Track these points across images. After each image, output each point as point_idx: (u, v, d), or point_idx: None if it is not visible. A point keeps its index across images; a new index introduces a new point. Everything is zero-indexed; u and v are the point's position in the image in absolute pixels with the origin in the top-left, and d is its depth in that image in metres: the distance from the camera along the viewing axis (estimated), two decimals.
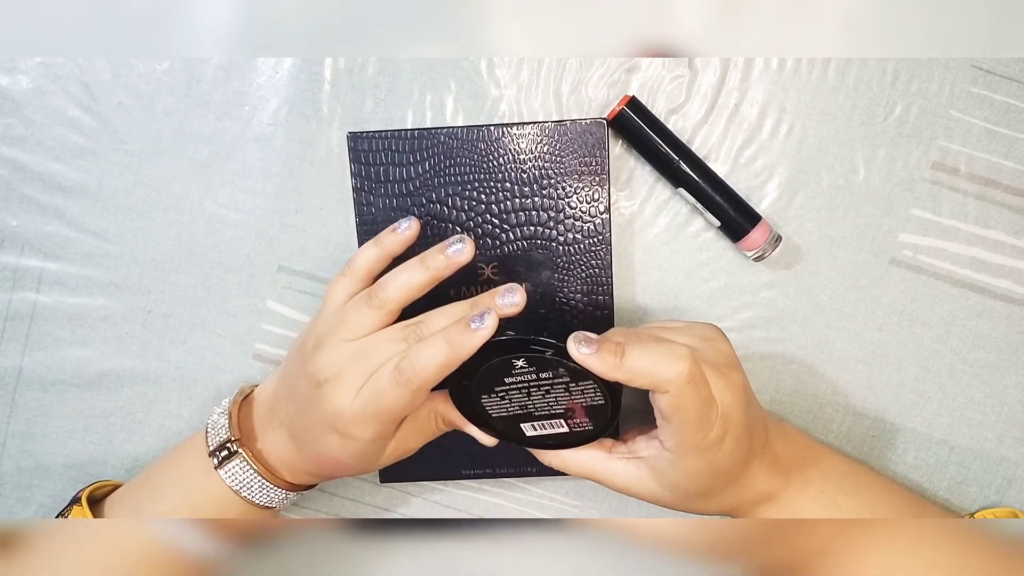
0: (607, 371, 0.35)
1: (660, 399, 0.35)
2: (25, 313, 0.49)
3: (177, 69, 0.46)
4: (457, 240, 0.39)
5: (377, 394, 0.37)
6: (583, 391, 0.37)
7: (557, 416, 0.39)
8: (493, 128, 0.44)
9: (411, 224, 0.41)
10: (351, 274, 0.41)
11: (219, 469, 0.41)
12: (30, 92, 0.47)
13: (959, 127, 0.45)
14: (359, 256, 0.41)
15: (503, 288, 0.38)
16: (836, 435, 0.48)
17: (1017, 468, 0.47)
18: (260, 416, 0.42)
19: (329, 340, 0.39)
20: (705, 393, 0.35)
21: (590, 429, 0.39)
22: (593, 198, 0.44)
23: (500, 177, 0.44)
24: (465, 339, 0.36)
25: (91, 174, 0.47)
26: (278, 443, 0.41)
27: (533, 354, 0.36)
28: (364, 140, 0.44)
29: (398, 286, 0.39)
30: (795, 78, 0.45)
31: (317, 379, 0.38)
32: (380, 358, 0.37)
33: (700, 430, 0.36)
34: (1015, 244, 0.46)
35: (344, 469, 0.41)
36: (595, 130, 0.44)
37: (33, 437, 0.50)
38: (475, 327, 0.36)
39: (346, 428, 0.38)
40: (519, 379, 0.37)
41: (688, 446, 0.36)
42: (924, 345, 0.47)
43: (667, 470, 0.38)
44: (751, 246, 0.45)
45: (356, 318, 0.39)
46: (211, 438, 0.42)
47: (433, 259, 0.39)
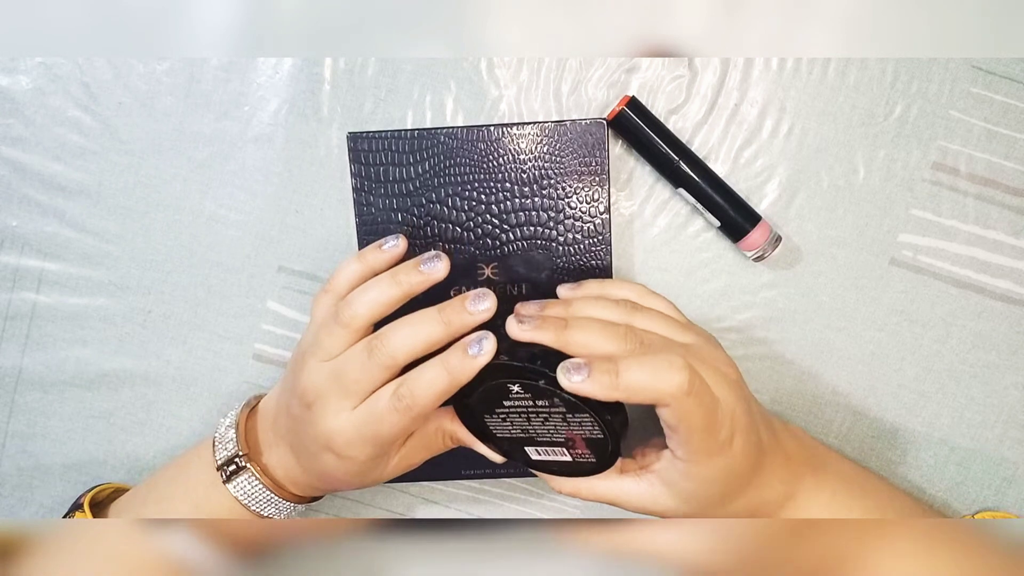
0: (605, 392, 0.34)
1: (663, 412, 0.35)
2: (25, 313, 0.49)
3: (177, 69, 0.46)
4: (433, 256, 0.39)
5: (374, 419, 0.37)
6: (580, 423, 0.37)
7: (559, 444, 0.38)
8: (493, 128, 0.44)
9: (398, 242, 0.41)
10: (332, 290, 0.40)
11: (227, 483, 0.41)
12: (30, 92, 0.47)
13: (959, 127, 0.45)
14: (340, 272, 0.40)
15: (472, 294, 0.37)
16: (836, 435, 0.48)
17: (1017, 468, 0.47)
18: (265, 429, 0.42)
19: (309, 361, 0.38)
20: (707, 398, 0.35)
21: (592, 461, 0.39)
22: (593, 198, 0.44)
23: (500, 177, 0.44)
24: (464, 365, 0.36)
25: (91, 174, 0.47)
26: (282, 458, 0.41)
27: (527, 381, 0.36)
28: (364, 140, 0.44)
29: (367, 302, 0.38)
30: (795, 78, 0.45)
31: (305, 401, 0.38)
32: (354, 377, 0.37)
33: (709, 434, 0.35)
34: (1015, 244, 0.46)
35: (345, 485, 0.41)
36: (595, 130, 0.44)
37: (33, 437, 0.50)
38: (473, 354, 0.35)
39: (341, 450, 0.38)
40: (517, 403, 0.37)
41: (700, 451, 0.35)
42: (924, 345, 0.47)
43: (681, 481, 0.37)
44: (751, 246, 0.45)
45: (326, 338, 0.38)
46: (218, 451, 0.41)
47: (406, 275, 0.38)
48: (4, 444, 0.50)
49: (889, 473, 0.48)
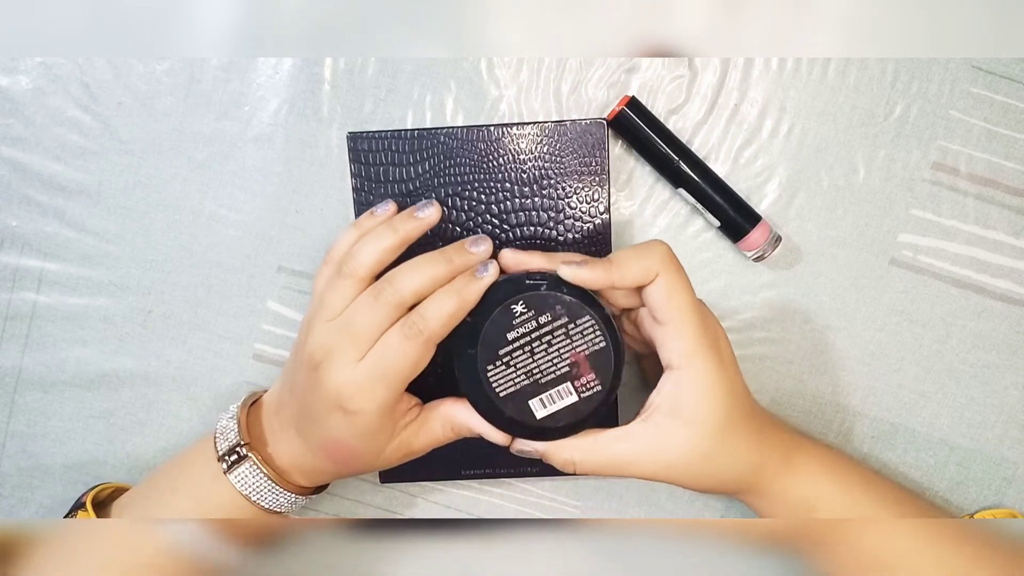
0: (600, 278, 0.37)
1: (654, 291, 0.37)
2: (25, 313, 0.49)
3: (177, 69, 0.46)
4: (424, 204, 0.41)
5: (385, 356, 0.37)
6: (582, 333, 0.38)
7: (564, 379, 0.38)
8: (493, 128, 0.44)
9: (388, 207, 0.42)
10: (331, 260, 0.41)
11: (228, 474, 0.40)
12: (30, 92, 0.47)
13: (959, 127, 0.45)
14: (338, 242, 0.42)
15: (470, 239, 0.40)
16: (836, 435, 0.48)
17: (1017, 468, 0.47)
18: (268, 418, 0.42)
19: (315, 324, 0.39)
20: (689, 285, 0.38)
21: (599, 390, 0.38)
22: (593, 198, 0.44)
23: (500, 177, 0.44)
24: (472, 285, 0.38)
25: (91, 174, 0.47)
26: (287, 443, 0.41)
27: (529, 291, 0.37)
28: (364, 140, 0.44)
29: (368, 251, 0.39)
30: (795, 78, 0.45)
31: (312, 363, 0.38)
32: (363, 323, 0.38)
33: (697, 313, 0.37)
34: (1015, 244, 0.46)
35: (353, 456, 0.40)
36: (595, 130, 0.44)
37: (33, 437, 0.50)
38: (480, 275, 0.38)
39: (350, 402, 0.38)
40: (521, 334, 0.38)
41: (692, 342, 0.37)
42: (924, 345, 0.47)
43: (684, 395, 0.37)
44: (751, 246, 0.45)
45: (332, 296, 0.39)
46: (220, 443, 0.41)
47: (402, 222, 0.40)
48: (4, 444, 0.50)
49: (889, 473, 0.48)
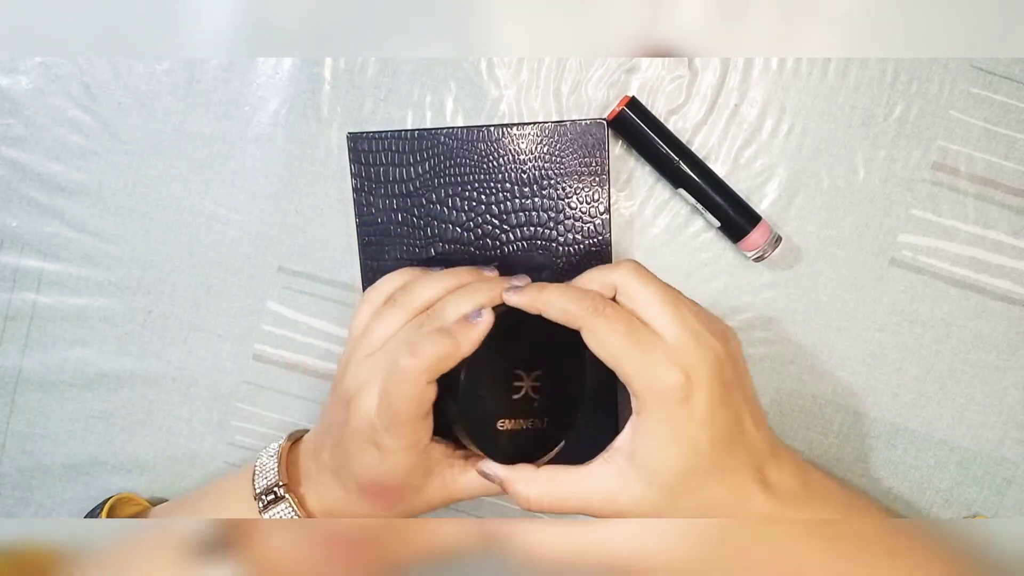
0: (528, 302, 0.36)
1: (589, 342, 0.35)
2: (25, 313, 0.49)
3: (177, 69, 0.46)
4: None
5: (386, 389, 0.36)
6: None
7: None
8: (493, 128, 0.44)
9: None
10: (369, 300, 0.41)
11: (264, 512, 0.40)
12: (30, 92, 0.47)
13: (959, 127, 0.45)
14: (383, 280, 0.41)
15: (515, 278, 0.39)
16: (836, 435, 0.48)
17: (1017, 468, 0.47)
18: (306, 460, 0.42)
19: (353, 358, 0.38)
20: (625, 327, 0.34)
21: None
22: (593, 198, 0.44)
23: (500, 178, 0.44)
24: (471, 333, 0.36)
25: (91, 174, 0.47)
26: (323, 487, 0.41)
27: None
28: (364, 140, 0.44)
29: (430, 287, 0.39)
30: (795, 78, 0.45)
31: (346, 398, 0.38)
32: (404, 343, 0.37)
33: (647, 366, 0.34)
34: (1015, 244, 0.46)
35: (388, 495, 0.39)
36: (595, 130, 0.44)
37: (33, 437, 0.50)
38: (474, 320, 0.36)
39: (380, 438, 0.37)
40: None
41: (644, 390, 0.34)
42: (924, 345, 0.47)
43: (641, 449, 0.35)
44: (751, 246, 0.45)
45: (378, 326, 0.38)
46: (258, 480, 0.41)
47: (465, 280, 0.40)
48: (4, 444, 0.50)
49: (890, 473, 0.48)
